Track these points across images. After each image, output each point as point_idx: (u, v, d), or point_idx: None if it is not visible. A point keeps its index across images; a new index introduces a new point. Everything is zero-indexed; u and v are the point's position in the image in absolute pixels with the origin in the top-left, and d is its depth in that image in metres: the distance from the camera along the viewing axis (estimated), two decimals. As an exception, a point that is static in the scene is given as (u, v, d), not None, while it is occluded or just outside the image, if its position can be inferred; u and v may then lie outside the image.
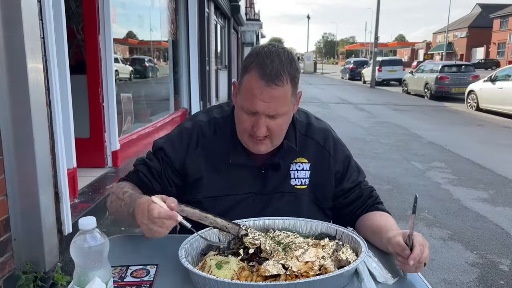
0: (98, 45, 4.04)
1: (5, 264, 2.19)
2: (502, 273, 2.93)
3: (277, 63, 1.16)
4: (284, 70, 1.16)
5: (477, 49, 53.43)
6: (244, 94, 1.20)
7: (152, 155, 1.38)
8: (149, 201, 1.06)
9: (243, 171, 1.33)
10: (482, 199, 4.49)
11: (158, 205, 1.04)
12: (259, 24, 24.70)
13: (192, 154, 1.33)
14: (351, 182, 1.38)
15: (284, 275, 1.01)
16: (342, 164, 1.39)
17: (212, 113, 1.40)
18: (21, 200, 2.25)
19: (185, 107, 7.88)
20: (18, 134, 2.21)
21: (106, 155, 4.25)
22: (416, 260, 1.03)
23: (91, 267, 0.86)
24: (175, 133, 1.39)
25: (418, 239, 1.07)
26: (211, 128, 1.35)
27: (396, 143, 7.61)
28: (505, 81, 11.19)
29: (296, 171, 1.35)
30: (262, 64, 1.16)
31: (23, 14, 2.15)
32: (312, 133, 1.38)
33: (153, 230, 1.05)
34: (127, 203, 1.21)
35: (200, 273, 0.97)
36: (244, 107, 1.21)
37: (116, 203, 1.27)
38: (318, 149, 1.37)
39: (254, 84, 1.17)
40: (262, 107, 1.17)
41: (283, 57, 1.18)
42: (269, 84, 1.15)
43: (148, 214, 1.03)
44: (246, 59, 1.23)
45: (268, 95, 1.16)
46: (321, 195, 1.38)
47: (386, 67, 24.07)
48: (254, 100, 1.17)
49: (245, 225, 1.22)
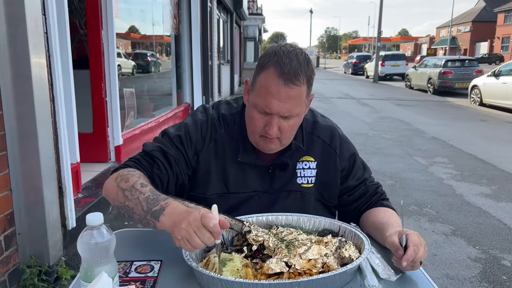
0: (101, 40, 4.04)
1: (9, 258, 2.21)
2: (504, 268, 2.93)
3: (295, 63, 1.15)
4: (301, 70, 1.15)
5: (481, 43, 53.08)
6: (259, 92, 1.18)
7: (167, 142, 1.29)
8: (203, 209, 0.99)
9: (251, 170, 1.32)
10: (485, 194, 4.49)
11: (214, 217, 0.96)
12: (261, 18, 24.60)
13: (207, 147, 1.31)
14: (356, 180, 1.38)
15: (287, 273, 1.01)
16: (348, 161, 1.38)
17: (220, 109, 1.37)
18: (25, 195, 2.26)
19: (188, 102, 7.88)
20: (22, 129, 2.21)
21: (109, 150, 4.26)
22: (409, 261, 1.03)
23: (98, 263, 0.87)
24: (190, 122, 1.33)
25: (412, 238, 1.07)
26: (221, 124, 1.33)
27: (399, 138, 7.60)
28: (509, 76, 11.12)
29: (303, 169, 1.35)
30: (281, 62, 1.14)
31: (26, 10, 2.15)
32: (319, 132, 1.38)
33: (193, 240, 0.96)
34: (151, 199, 1.09)
35: (204, 271, 0.97)
36: (258, 106, 1.19)
37: (130, 193, 1.14)
38: (325, 147, 1.37)
39: (271, 82, 1.15)
40: (277, 108, 1.16)
41: (301, 57, 1.17)
42: (287, 83, 1.14)
43: (202, 221, 0.95)
44: (262, 57, 1.20)
45: (285, 94, 1.14)
46: (327, 193, 1.38)
47: (389, 61, 23.98)
48: (269, 99, 1.15)
49: (248, 221, 1.22)
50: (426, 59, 18.59)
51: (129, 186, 1.15)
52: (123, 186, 1.16)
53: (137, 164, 1.26)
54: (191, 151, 1.30)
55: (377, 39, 23.99)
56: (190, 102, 7.92)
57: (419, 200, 4.29)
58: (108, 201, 1.25)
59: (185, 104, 7.72)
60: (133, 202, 1.12)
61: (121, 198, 1.16)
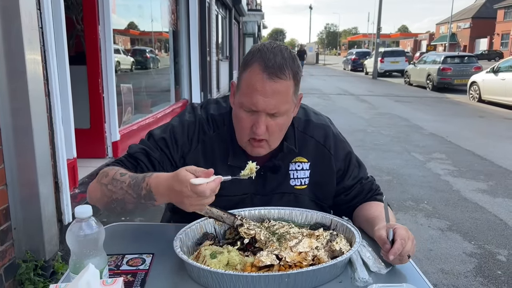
0: (98, 36, 4.03)
1: (5, 253, 2.21)
2: (499, 263, 2.95)
3: (280, 57, 1.14)
4: (286, 65, 1.14)
5: (481, 40, 52.97)
6: (244, 90, 1.16)
7: (152, 144, 1.27)
8: (185, 180, 0.98)
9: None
10: (482, 190, 4.50)
11: (204, 185, 0.98)
12: (260, 14, 24.54)
13: (194, 150, 1.29)
14: (352, 179, 1.37)
15: (277, 265, 1.02)
16: (344, 161, 1.37)
17: (209, 109, 1.34)
18: (21, 190, 2.26)
19: (186, 98, 7.88)
20: (17, 124, 2.21)
21: (107, 145, 4.25)
22: (396, 255, 1.03)
23: (87, 255, 0.87)
24: (176, 124, 1.30)
25: (400, 232, 1.07)
26: (210, 125, 1.30)
27: (397, 134, 7.60)
28: (507, 72, 11.12)
29: (296, 171, 1.33)
30: (265, 58, 1.13)
31: (20, 4, 2.14)
32: (312, 131, 1.35)
33: (202, 205, 1.02)
34: (132, 184, 1.09)
35: (194, 264, 0.98)
36: (244, 105, 1.17)
37: (112, 186, 1.13)
38: (319, 147, 1.34)
39: (255, 77, 1.13)
40: (263, 104, 1.13)
41: (285, 53, 1.16)
42: (271, 77, 1.12)
43: (198, 195, 0.98)
44: (246, 56, 1.19)
45: (270, 89, 1.12)
46: (321, 194, 1.36)
47: (388, 58, 23.93)
48: (255, 95, 1.13)
49: (240, 215, 1.23)
50: (425, 56, 18.57)
51: (110, 179, 1.15)
52: (105, 181, 1.16)
53: (120, 165, 1.24)
54: (177, 154, 1.28)
55: (376, 36, 23.93)
56: (188, 98, 7.92)
57: (416, 195, 4.30)
58: (98, 207, 1.21)
59: (183, 100, 7.71)
60: (120, 193, 1.12)
61: (107, 193, 1.15)
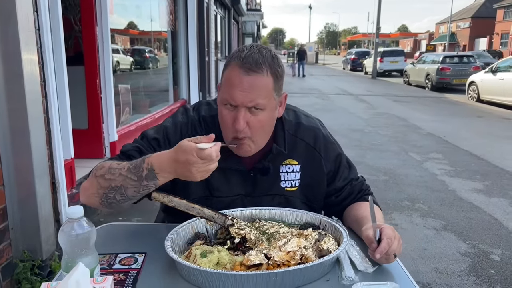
0: (96, 36, 4.05)
1: (2, 253, 2.23)
2: (493, 262, 2.97)
3: (257, 55, 1.17)
4: (264, 61, 1.17)
5: (480, 39, 52.93)
6: (224, 86, 1.20)
7: (145, 143, 1.29)
8: (190, 149, 1.02)
9: (233, 174, 1.31)
10: (478, 190, 4.52)
11: (208, 148, 1.03)
12: (260, 14, 24.57)
13: None
14: (343, 180, 1.39)
15: (266, 264, 1.04)
16: (334, 163, 1.38)
17: (201, 110, 1.36)
18: (18, 190, 2.28)
19: (184, 98, 7.90)
20: (14, 125, 2.23)
21: (104, 146, 4.27)
22: (383, 253, 1.06)
23: (78, 254, 0.89)
24: (169, 125, 1.32)
25: (387, 232, 1.09)
26: (202, 126, 1.32)
27: (394, 134, 7.62)
28: (506, 72, 11.14)
29: (286, 173, 1.34)
30: (242, 55, 1.17)
31: (17, 6, 2.16)
32: (302, 134, 1.36)
33: (209, 170, 1.06)
34: (132, 167, 1.11)
35: (184, 263, 1.00)
36: (224, 100, 1.20)
37: (110, 174, 1.14)
38: (309, 150, 1.36)
39: (233, 74, 1.17)
40: (240, 97, 1.16)
41: (264, 51, 1.20)
42: (247, 72, 1.15)
43: (204, 160, 1.03)
44: (227, 58, 1.24)
45: (247, 83, 1.16)
46: (312, 196, 1.38)
47: (387, 57, 23.94)
48: (233, 90, 1.17)
49: (231, 215, 1.25)
50: (424, 55, 18.59)
51: (106, 169, 1.16)
52: (101, 172, 1.17)
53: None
54: None
55: (376, 35, 23.95)
56: (186, 98, 7.94)
57: (412, 195, 4.32)
58: (92, 206, 1.24)
59: (181, 100, 7.73)
60: (119, 179, 1.12)
61: (105, 184, 1.15)
